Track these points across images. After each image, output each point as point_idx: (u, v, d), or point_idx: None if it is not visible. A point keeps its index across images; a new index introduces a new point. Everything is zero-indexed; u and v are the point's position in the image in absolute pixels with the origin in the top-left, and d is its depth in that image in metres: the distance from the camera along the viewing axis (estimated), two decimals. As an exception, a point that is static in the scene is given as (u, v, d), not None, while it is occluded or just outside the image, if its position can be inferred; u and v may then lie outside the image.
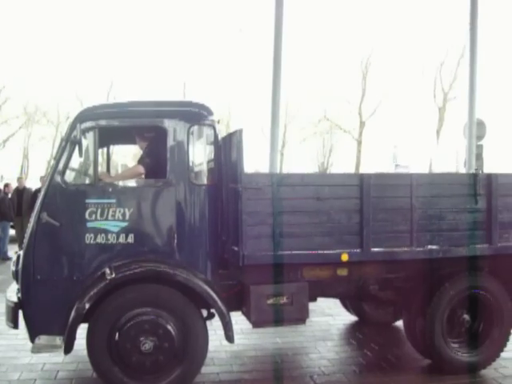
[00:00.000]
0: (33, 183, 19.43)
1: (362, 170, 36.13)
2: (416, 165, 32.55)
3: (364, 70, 41.53)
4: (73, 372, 6.13)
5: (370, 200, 5.69)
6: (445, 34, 40.33)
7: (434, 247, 5.92)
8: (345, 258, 5.67)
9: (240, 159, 5.39)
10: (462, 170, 14.17)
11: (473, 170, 10.13)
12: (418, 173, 6.88)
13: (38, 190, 13.01)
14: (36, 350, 5.45)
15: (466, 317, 6.20)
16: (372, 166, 36.91)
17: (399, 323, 7.57)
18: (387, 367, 6.38)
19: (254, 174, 5.81)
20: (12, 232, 16.01)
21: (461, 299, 6.15)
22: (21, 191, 15.57)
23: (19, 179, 16.88)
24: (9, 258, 13.63)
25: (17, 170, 42.16)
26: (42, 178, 15.64)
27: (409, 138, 37.41)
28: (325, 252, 5.65)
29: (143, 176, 5.89)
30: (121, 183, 5.73)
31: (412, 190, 5.82)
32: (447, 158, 30.74)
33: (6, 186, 15.76)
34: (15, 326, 5.65)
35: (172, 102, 6.13)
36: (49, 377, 5.99)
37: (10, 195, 15.51)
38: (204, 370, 5.79)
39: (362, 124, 41.64)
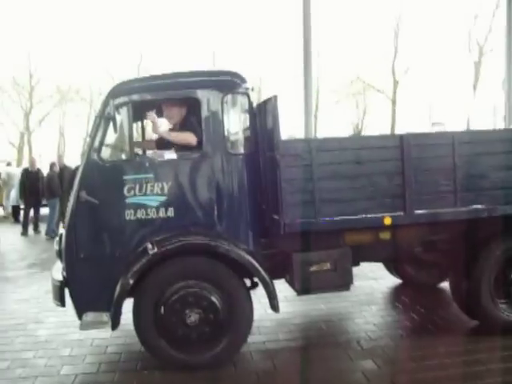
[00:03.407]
0: (69, 161, 19.62)
1: (398, 130, 35.63)
2: (453, 122, 31.94)
3: (396, 27, 40.62)
4: (121, 346, 6.20)
5: (411, 161, 5.54)
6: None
7: (479, 206, 5.74)
8: (388, 221, 5.55)
9: (276, 126, 5.29)
10: (501, 126, 13.86)
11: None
12: (460, 131, 6.68)
13: (77, 168, 13.14)
14: (84, 327, 5.52)
15: (514, 276, 6.05)
16: (407, 125, 36.31)
17: (444, 284, 7.49)
18: (434, 330, 6.30)
19: (291, 140, 5.73)
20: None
21: (507, 259, 6.01)
22: (61, 169, 15.76)
23: (60, 157, 17.06)
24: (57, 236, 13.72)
25: (54, 148, 42.78)
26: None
27: (444, 95, 36.66)
28: (367, 216, 5.54)
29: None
30: (156, 158, 5.67)
31: (454, 149, 5.64)
32: (485, 114, 30.04)
33: (54, 164, 15.94)
34: (62, 304, 5.72)
35: (204, 71, 6.03)
36: (98, 352, 6.07)
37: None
38: (250, 339, 5.78)
39: (396, 83, 40.90)
